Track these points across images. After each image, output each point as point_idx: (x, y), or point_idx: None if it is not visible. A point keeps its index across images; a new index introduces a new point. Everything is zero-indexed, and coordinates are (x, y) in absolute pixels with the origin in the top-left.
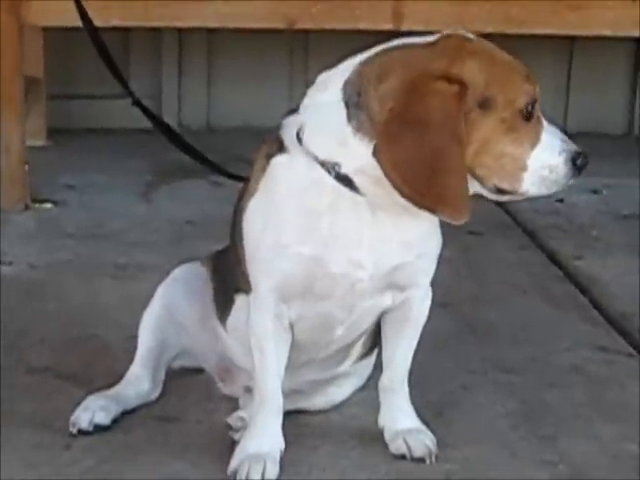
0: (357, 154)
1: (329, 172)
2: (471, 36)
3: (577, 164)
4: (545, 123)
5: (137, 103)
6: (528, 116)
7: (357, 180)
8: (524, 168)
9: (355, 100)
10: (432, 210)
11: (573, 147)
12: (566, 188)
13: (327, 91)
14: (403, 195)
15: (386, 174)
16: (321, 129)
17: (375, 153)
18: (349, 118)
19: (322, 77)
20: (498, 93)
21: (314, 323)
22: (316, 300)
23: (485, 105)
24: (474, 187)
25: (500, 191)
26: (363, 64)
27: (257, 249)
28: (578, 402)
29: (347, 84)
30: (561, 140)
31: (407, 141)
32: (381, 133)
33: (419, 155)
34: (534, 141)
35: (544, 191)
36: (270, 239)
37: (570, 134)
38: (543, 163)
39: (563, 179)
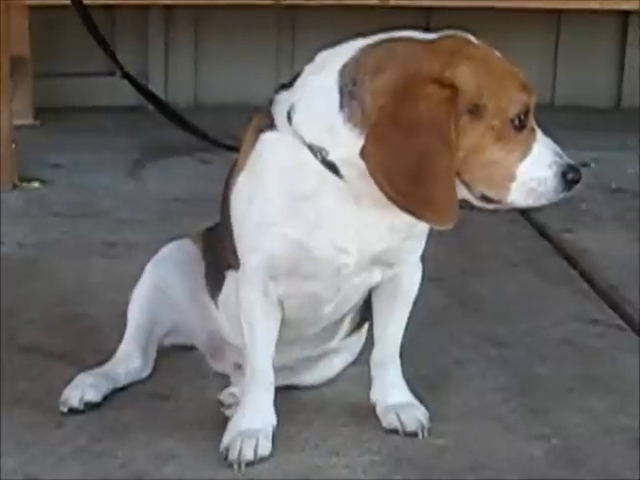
0: (345, 143)
1: (316, 156)
2: (472, 39)
3: (568, 178)
4: (539, 134)
5: (126, 75)
6: (520, 126)
7: (343, 169)
8: (512, 178)
9: (349, 88)
10: (416, 214)
11: (565, 161)
12: (556, 201)
13: (323, 73)
14: (388, 197)
15: (372, 175)
16: (312, 112)
17: (362, 153)
18: (341, 105)
19: (321, 56)
20: (489, 100)
21: (301, 301)
22: (302, 280)
23: (474, 111)
24: (462, 192)
25: (486, 199)
26: (363, 51)
27: (243, 225)
28: (570, 375)
29: (344, 69)
30: (553, 153)
31: (395, 144)
32: (369, 134)
33: (406, 158)
34: (524, 152)
35: (531, 203)
36: (256, 216)
37: (558, 107)
38: (532, 175)
39: (552, 192)
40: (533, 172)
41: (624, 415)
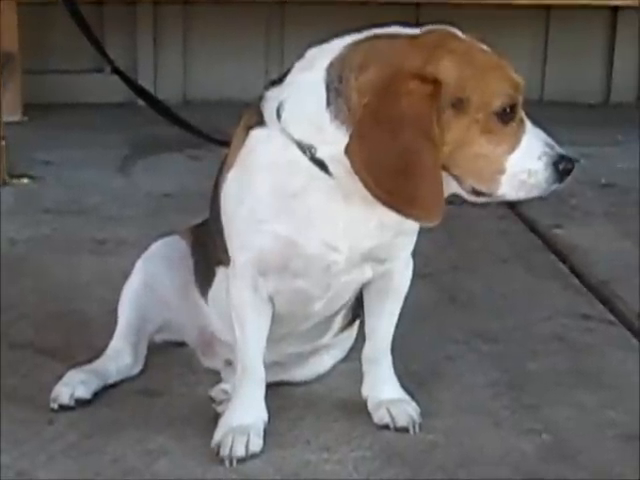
0: (333, 140)
1: (304, 153)
2: (457, 33)
3: (560, 168)
4: (529, 126)
5: (116, 71)
6: (506, 119)
7: (331, 166)
8: (501, 171)
9: (336, 86)
10: (401, 212)
11: (557, 151)
12: (549, 192)
13: (311, 70)
14: (373, 195)
15: (357, 173)
16: (300, 110)
17: (347, 150)
18: (328, 103)
19: (310, 53)
20: (472, 94)
21: (291, 298)
22: (292, 276)
23: (458, 105)
24: (452, 187)
25: (477, 193)
26: (349, 48)
27: (233, 221)
28: (560, 370)
29: (331, 66)
30: (544, 144)
31: (378, 141)
32: (353, 131)
33: (390, 156)
34: (513, 144)
35: (523, 195)
36: (245, 213)
37: (547, 103)
38: (522, 167)
39: (544, 184)
40: (523, 164)
41: (614, 410)
